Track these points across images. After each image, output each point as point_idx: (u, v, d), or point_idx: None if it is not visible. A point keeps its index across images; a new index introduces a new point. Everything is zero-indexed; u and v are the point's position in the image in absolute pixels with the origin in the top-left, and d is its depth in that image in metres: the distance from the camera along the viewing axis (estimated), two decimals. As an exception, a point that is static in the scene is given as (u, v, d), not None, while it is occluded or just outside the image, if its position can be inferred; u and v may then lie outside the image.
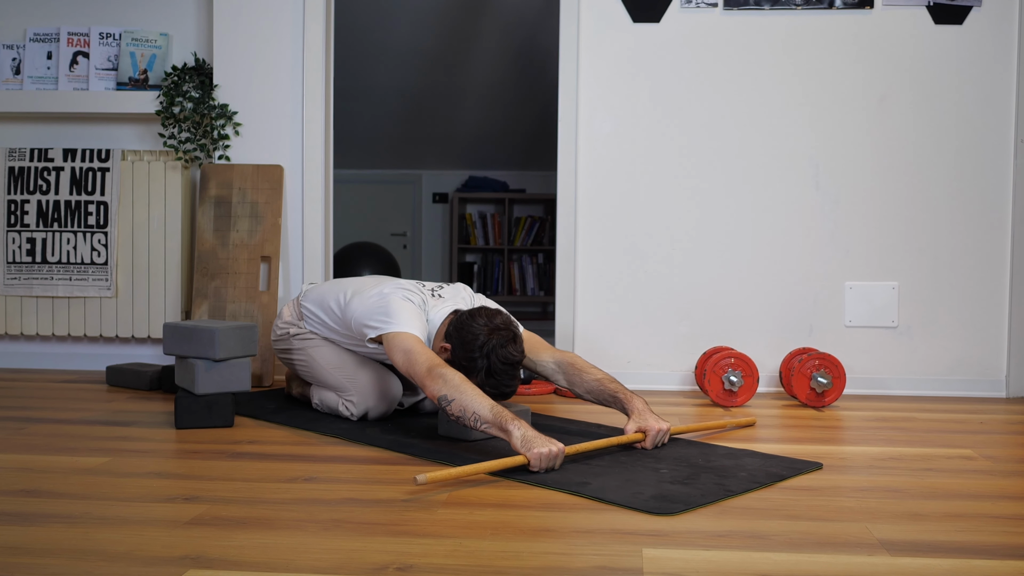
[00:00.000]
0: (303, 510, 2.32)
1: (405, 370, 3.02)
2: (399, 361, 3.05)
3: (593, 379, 3.24)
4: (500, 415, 2.72)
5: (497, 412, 2.73)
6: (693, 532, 2.17)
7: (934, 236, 4.35)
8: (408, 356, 3.02)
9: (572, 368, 3.30)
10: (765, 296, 4.40)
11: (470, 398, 2.79)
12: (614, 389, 3.18)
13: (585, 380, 3.26)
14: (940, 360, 4.36)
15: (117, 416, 3.57)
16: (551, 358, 3.37)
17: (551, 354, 3.38)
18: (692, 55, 4.41)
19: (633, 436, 2.99)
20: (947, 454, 3.06)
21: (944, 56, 4.33)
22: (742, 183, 4.40)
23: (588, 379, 3.25)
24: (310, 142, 4.54)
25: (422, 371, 2.93)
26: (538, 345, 3.43)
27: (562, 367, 3.33)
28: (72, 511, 2.29)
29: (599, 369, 3.29)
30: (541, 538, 2.12)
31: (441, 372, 2.88)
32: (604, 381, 3.22)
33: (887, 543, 2.09)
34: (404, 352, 3.04)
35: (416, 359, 2.98)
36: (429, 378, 2.89)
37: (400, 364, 3.05)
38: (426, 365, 2.93)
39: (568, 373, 3.31)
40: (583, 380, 3.26)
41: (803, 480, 2.68)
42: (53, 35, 4.68)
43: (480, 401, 2.77)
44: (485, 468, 2.60)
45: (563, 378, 3.33)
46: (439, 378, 2.86)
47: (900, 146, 4.35)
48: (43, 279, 4.62)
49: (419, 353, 3.00)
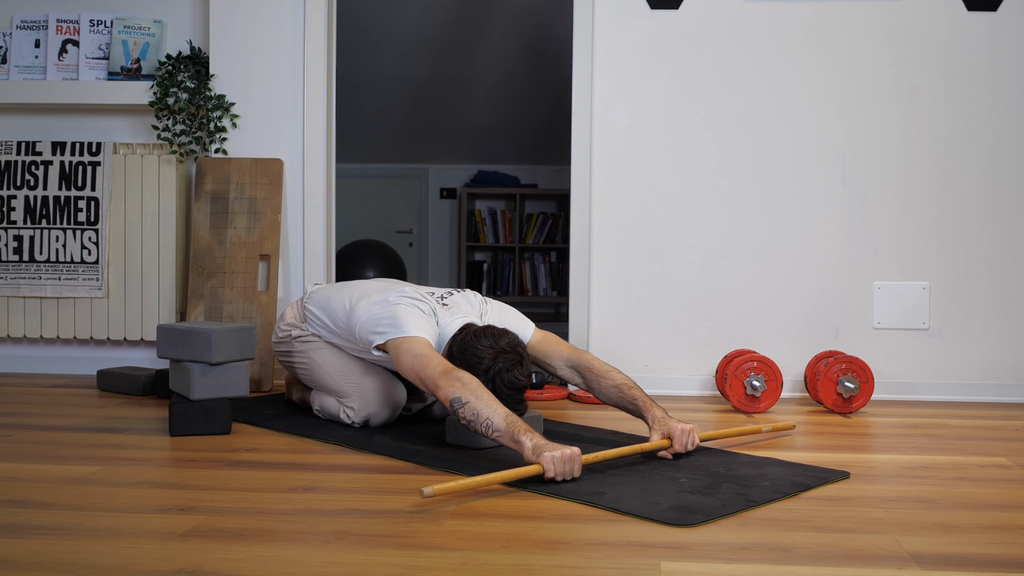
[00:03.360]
0: (304, 521, 2.32)
1: (416, 374, 3.00)
2: (408, 364, 3.04)
3: (612, 384, 3.24)
4: (514, 425, 2.72)
5: (511, 422, 2.73)
6: (713, 544, 2.17)
7: (967, 233, 4.34)
8: (419, 360, 3.00)
9: (590, 371, 3.30)
10: (790, 296, 4.40)
11: (485, 403, 2.79)
12: (634, 396, 3.18)
13: (604, 386, 3.26)
14: (973, 364, 4.35)
15: (109, 423, 3.57)
16: (568, 361, 3.38)
17: (568, 356, 3.39)
18: (713, 44, 4.41)
19: (658, 443, 2.99)
20: (980, 462, 3.05)
21: (977, 44, 4.31)
22: (766, 178, 4.40)
23: (607, 384, 3.25)
24: (311, 135, 4.54)
25: (436, 373, 2.91)
26: (553, 345, 3.44)
27: (579, 369, 3.34)
28: (61, 522, 2.30)
29: (618, 372, 3.29)
30: (554, 551, 2.11)
31: (457, 375, 2.88)
32: (623, 387, 3.22)
33: (917, 556, 2.09)
34: (414, 355, 3.03)
35: (429, 362, 2.97)
36: (445, 379, 2.88)
37: (409, 367, 3.03)
38: (440, 368, 2.93)
39: (586, 377, 3.32)
40: (601, 386, 3.27)
41: (829, 490, 2.68)
42: (41, 22, 4.69)
43: (495, 408, 2.77)
44: (497, 479, 2.59)
45: (582, 381, 3.34)
46: (456, 380, 2.86)
47: (931, 139, 4.34)
48: (31, 279, 4.63)
49: (431, 357, 3.00)
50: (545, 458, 2.64)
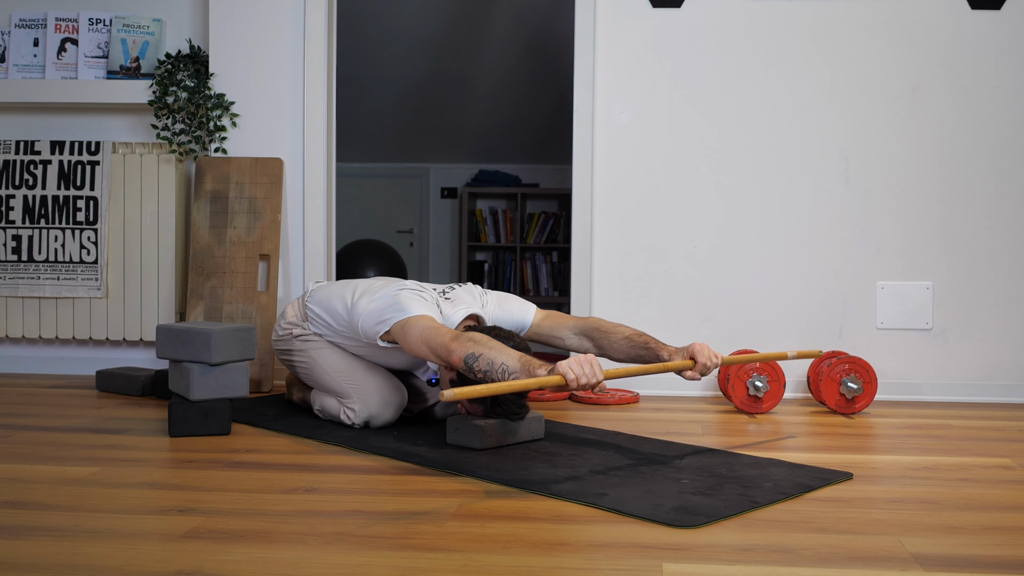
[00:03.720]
0: (304, 523, 2.32)
1: (426, 345, 3.00)
2: (417, 338, 3.04)
3: (622, 336, 3.32)
4: (528, 363, 2.74)
5: (525, 361, 2.76)
6: (716, 546, 2.17)
7: (971, 233, 4.34)
8: (428, 332, 3.01)
9: (598, 332, 3.38)
10: (792, 297, 4.40)
11: (497, 351, 2.81)
12: (645, 341, 3.26)
13: (614, 341, 3.33)
14: (977, 364, 4.35)
15: (107, 423, 3.58)
16: (575, 329, 3.46)
17: (574, 324, 3.47)
18: (715, 42, 4.41)
19: (682, 363, 3.04)
20: (984, 463, 3.05)
21: (981, 43, 4.32)
22: (768, 177, 4.40)
23: (616, 338, 3.33)
24: (311, 134, 4.55)
25: (446, 340, 2.92)
26: (559, 320, 3.52)
27: (588, 333, 3.42)
28: (60, 524, 2.30)
29: (626, 326, 3.37)
30: (556, 552, 2.12)
31: (468, 335, 2.91)
32: (633, 336, 3.31)
33: (921, 557, 2.09)
34: (423, 328, 3.04)
35: (438, 332, 2.99)
36: (456, 342, 2.89)
37: (418, 340, 3.03)
38: (450, 334, 2.95)
39: (595, 338, 3.39)
40: (611, 341, 3.34)
41: (832, 491, 2.68)
42: (40, 21, 4.70)
43: (507, 352, 2.80)
44: (517, 386, 2.60)
45: (591, 344, 3.40)
46: (468, 340, 2.88)
47: (934, 138, 4.35)
48: (29, 279, 4.64)
49: (439, 328, 3.02)
50: (562, 366, 2.67)
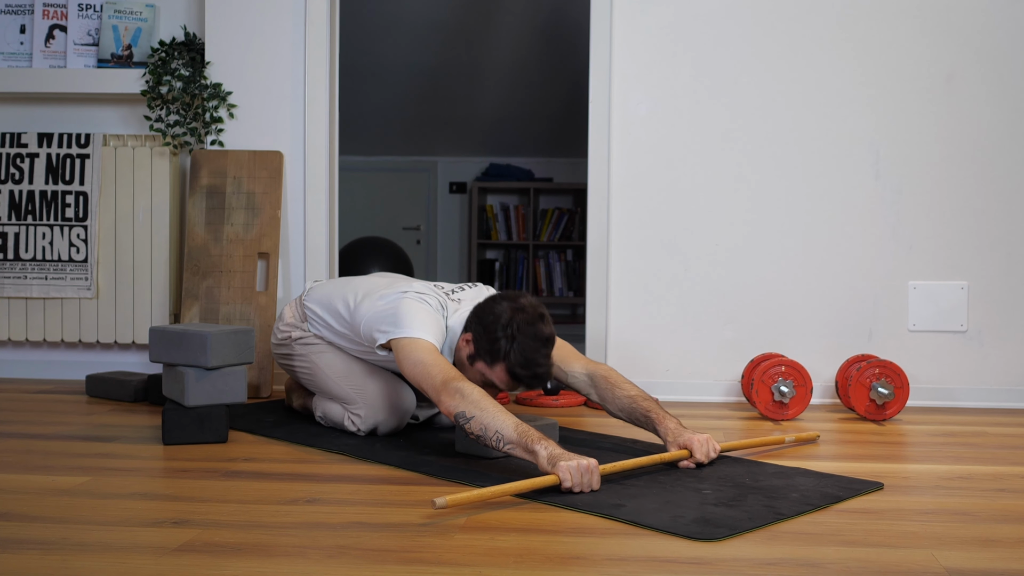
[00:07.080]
0: (305, 535, 2.32)
1: (417, 383, 3.02)
2: (410, 372, 3.05)
3: (626, 395, 3.25)
4: (526, 434, 2.72)
5: (522, 431, 2.73)
6: (739, 560, 2.17)
7: (1008, 230, 4.33)
8: (420, 368, 3.01)
9: (605, 382, 3.31)
10: (820, 297, 4.39)
11: (492, 415, 2.79)
12: (647, 408, 3.19)
13: (617, 396, 3.27)
14: (1014, 368, 4.34)
15: (98, 431, 3.58)
16: (583, 370, 3.38)
17: (584, 365, 3.40)
18: (738, 29, 4.40)
19: (678, 453, 2.99)
20: (1022, 473, 3.05)
21: (1019, 30, 4.30)
22: (794, 172, 4.39)
23: (620, 395, 3.26)
24: (313, 126, 4.55)
25: (436, 384, 2.93)
26: (569, 354, 3.44)
27: (594, 380, 3.35)
28: (48, 536, 2.30)
29: (634, 385, 3.31)
30: (570, 566, 2.12)
31: (458, 386, 2.88)
32: (637, 399, 3.23)
33: (955, 572, 2.09)
34: (415, 363, 3.04)
35: (429, 371, 2.98)
36: (445, 392, 2.88)
37: (411, 375, 3.05)
38: (440, 378, 2.93)
39: (600, 387, 3.32)
40: (615, 396, 3.27)
41: (862, 502, 2.68)
42: (27, 6, 4.70)
43: (503, 419, 2.77)
44: (512, 489, 2.59)
45: (595, 392, 3.35)
46: (456, 393, 2.86)
47: (969, 130, 4.33)
48: (16, 278, 4.64)
49: (432, 364, 3.00)
50: (561, 468, 2.64)
